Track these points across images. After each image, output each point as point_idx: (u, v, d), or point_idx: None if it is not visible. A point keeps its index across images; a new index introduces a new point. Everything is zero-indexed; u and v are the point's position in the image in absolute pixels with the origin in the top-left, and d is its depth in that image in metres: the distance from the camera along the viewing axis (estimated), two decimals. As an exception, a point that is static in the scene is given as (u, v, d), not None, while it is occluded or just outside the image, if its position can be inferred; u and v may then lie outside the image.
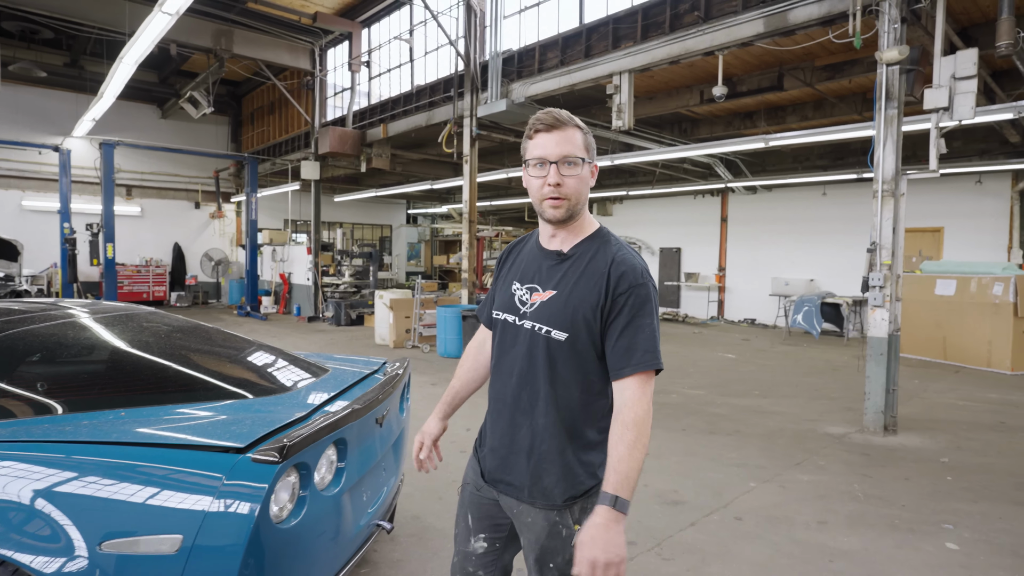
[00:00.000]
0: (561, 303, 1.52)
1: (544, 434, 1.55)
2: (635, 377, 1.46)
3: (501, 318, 1.66)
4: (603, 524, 1.38)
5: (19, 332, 2.38)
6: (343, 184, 17.96)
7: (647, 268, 1.55)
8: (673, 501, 3.81)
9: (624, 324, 1.47)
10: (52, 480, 1.77)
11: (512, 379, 1.60)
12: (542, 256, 1.62)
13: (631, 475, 1.40)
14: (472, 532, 1.76)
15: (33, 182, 14.97)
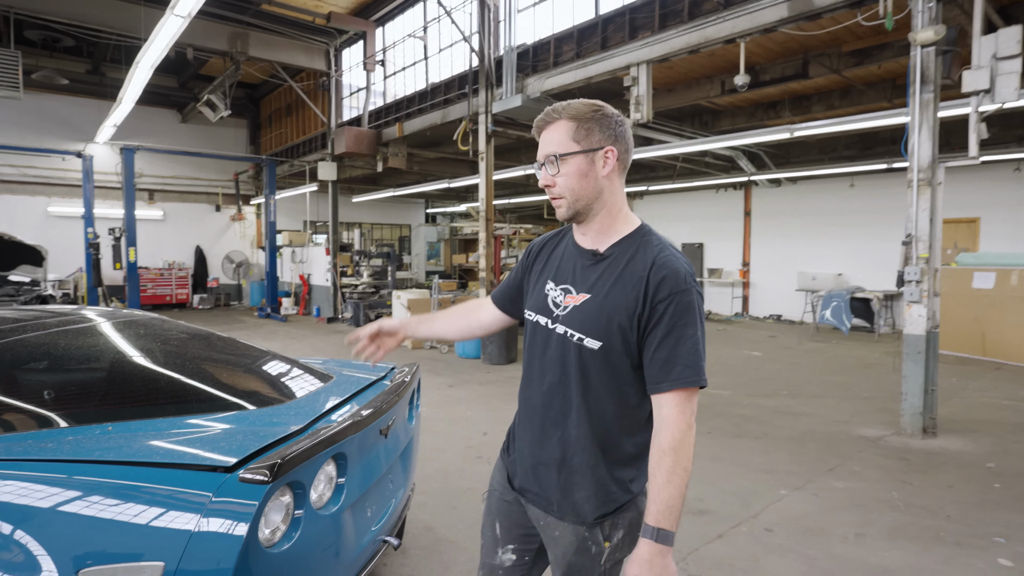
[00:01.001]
0: (595, 308, 1.41)
1: (576, 447, 1.45)
2: (674, 394, 1.34)
3: (533, 319, 1.54)
4: (648, 559, 1.31)
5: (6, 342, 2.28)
6: (361, 184, 17.95)
7: (692, 272, 1.40)
8: (699, 511, 3.62)
9: (663, 334, 1.34)
10: (27, 502, 1.65)
11: (543, 386, 1.50)
12: (577, 255, 1.50)
13: (673, 504, 1.30)
14: (500, 543, 1.63)
15: (58, 188, 15.21)
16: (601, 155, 1.40)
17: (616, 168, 1.43)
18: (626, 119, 1.47)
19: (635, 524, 1.48)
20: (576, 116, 1.40)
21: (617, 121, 1.43)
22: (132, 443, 1.85)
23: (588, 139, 1.40)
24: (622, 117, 1.45)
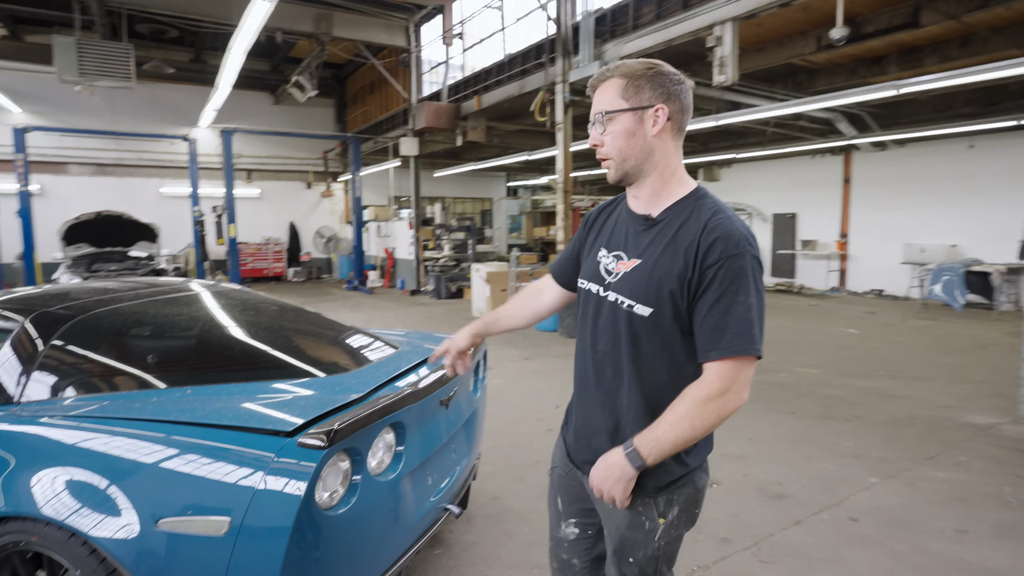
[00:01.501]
0: (645, 274, 1.37)
1: (628, 416, 1.42)
2: (722, 364, 1.28)
3: (585, 287, 1.52)
4: (610, 464, 1.36)
5: (103, 312, 2.48)
6: (442, 159, 18.19)
7: (748, 236, 1.33)
8: (776, 495, 3.44)
9: (713, 301, 1.29)
10: (117, 455, 1.80)
11: (595, 355, 1.48)
12: (630, 220, 1.46)
13: (660, 441, 1.30)
14: (562, 517, 1.65)
15: (169, 170, 16.46)
16: (651, 113, 1.35)
17: (668, 128, 1.37)
18: (686, 79, 1.39)
19: (692, 501, 1.45)
20: (628, 74, 1.36)
21: (673, 80, 1.36)
22: (206, 405, 1.97)
23: (637, 96, 1.35)
24: (680, 77, 1.38)
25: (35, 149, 13.26)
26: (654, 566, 1.46)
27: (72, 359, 2.22)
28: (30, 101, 14.44)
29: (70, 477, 1.80)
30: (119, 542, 1.69)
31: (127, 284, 2.97)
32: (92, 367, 2.24)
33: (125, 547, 1.69)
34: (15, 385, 2.12)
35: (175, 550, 1.68)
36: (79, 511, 1.75)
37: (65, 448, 1.86)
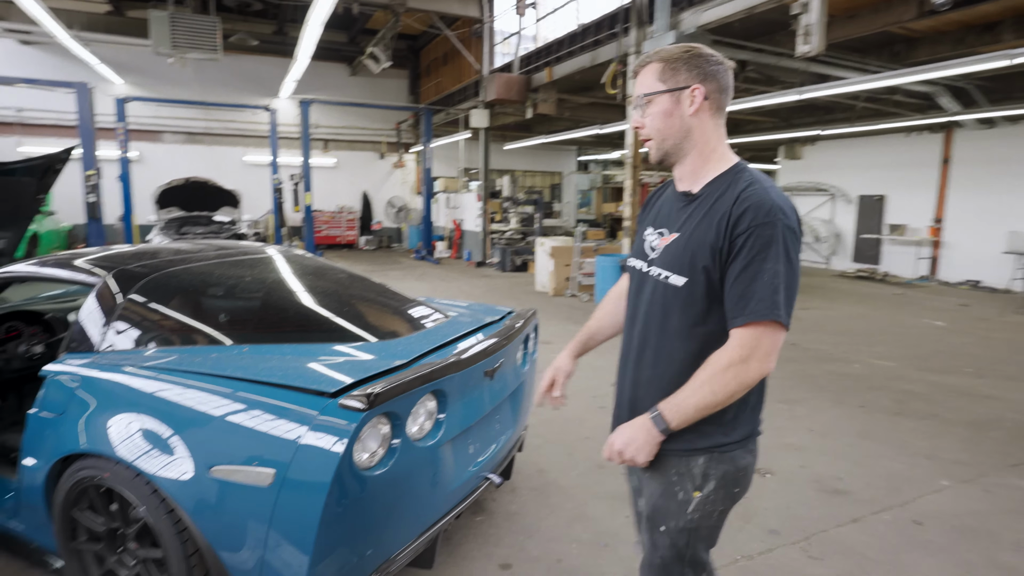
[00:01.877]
0: (681, 246, 1.42)
1: (669, 387, 1.43)
2: (744, 330, 1.31)
3: (632, 264, 1.59)
4: (636, 426, 1.41)
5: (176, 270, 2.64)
6: (513, 132, 18.12)
7: (783, 206, 1.34)
8: (834, 490, 3.29)
9: (740, 269, 1.32)
10: (181, 406, 1.93)
11: (636, 328, 1.54)
12: (674, 199, 1.52)
13: (686, 407, 1.35)
14: (634, 493, 1.69)
15: (251, 139, 17.23)
16: (687, 94, 1.40)
17: (706, 108, 1.42)
18: (725, 61, 1.44)
19: (731, 479, 1.45)
20: (665, 58, 1.42)
21: (710, 61, 1.42)
22: (259, 363, 2.07)
23: (674, 78, 1.41)
24: (719, 58, 1.43)
25: (134, 118, 14.19)
26: (686, 539, 1.47)
27: (145, 313, 2.39)
28: (130, 73, 15.40)
29: (139, 422, 1.95)
30: (177, 484, 1.82)
31: (202, 246, 3.14)
32: (163, 321, 2.40)
33: (181, 489, 1.82)
34: (97, 335, 2.30)
35: (225, 496, 1.79)
36: (146, 453, 1.89)
37: (138, 395, 2.01)
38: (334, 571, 1.81)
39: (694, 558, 1.50)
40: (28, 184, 3.97)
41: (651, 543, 1.53)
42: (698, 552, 1.50)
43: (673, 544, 1.48)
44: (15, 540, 2.46)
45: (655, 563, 1.53)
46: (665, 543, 1.49)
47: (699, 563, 1.51)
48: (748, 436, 1.46)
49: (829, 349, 6.47)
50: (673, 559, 1.50)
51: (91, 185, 10.41)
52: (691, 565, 1.50)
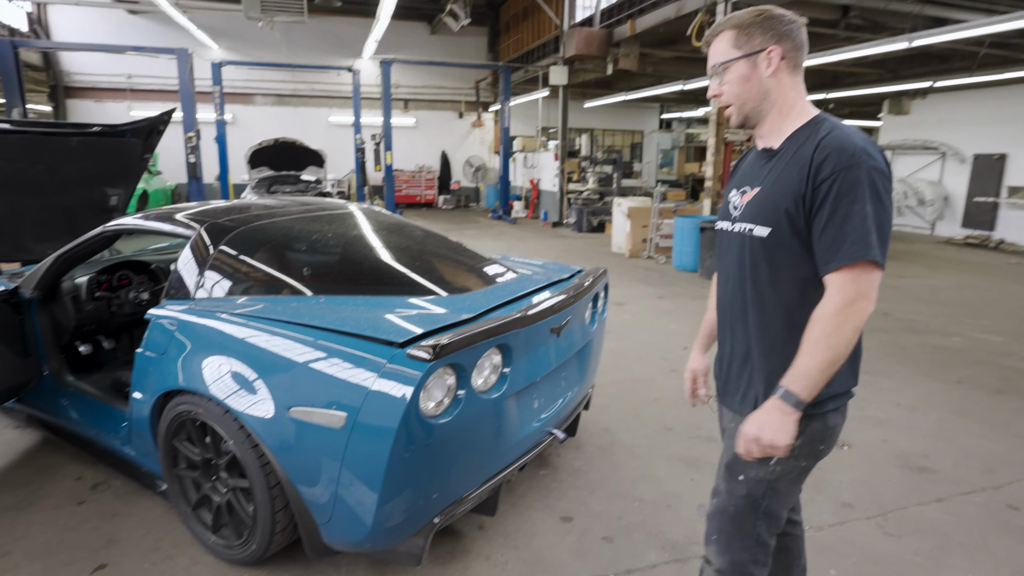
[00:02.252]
0: (763, 197, 1.43)
1: (755, 340, 1.47)
2: (841, 274, 1.30)
3: (719, 227, 1.61)
4: (767, 409, 1.35)
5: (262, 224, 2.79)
6: (593, 89, 17.64)
7: (867, 148, 1.31)
8: (918, 467, 3.12)
9: (829, 214, 1.30)
10: (266, 350, 2.07)
11: (728, 286, 1.56)
12: (756, 158, 1.54)
13: (807, 372, 1.31)
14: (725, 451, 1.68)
15: (336, 100, 17.72)
16: (764, 56, 1.41)
17: (783, 67, 1.42)
18: (797, 18, 1.43)
19: (818, 435, 1.44)
20: (738, 24, 1.42)
21: (783, 21, 1.41)
22: (333, 313, 2.18)
23: (749, 43, 1.41)
24: (791, 17, 1.42)
25: (228, 82, 14.89)
26: (763, 489, 1.47)
27: (234, 264, 2.55)
28: (224, 38, 16.11)
29: (228, 364, 2.12)
30: (259, 422, 1.98)
31: (287, 202, 3.30)
32: (249, 271, 2.56)
33: (264, 426, 1.97)
34: (192, 283, 2.49)
35: (301, 435, 1.93)
36: (233, 393, 2.06)
37: (227, 339, 2.17)
38: (401, 511, 1.92)
39: (768, 510, 1.49)
40: (135, 145, 4.29)
41: (727, 491, 1.53)
42: (773, 505, 1.49)
43: (750, 494, 1.48)
44: (130, 464, 2.76)
45: (728, 511, 1.53)
46: (741, 492, 1.48)
47: (773, 516, 1.50)
48: (842, 394, 1.44)
49: (925, 320, 6.02)
50: (748, 508, 1.49)
51: (191, 146, 11.09)
52: (765, 517, 1.50)
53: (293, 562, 2.29)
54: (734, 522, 1.52)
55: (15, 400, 3.22)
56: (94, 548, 2.38)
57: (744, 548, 1.52)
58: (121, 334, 3.67)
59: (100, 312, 3.36)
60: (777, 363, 1.41)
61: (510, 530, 2.54)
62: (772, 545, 1.54)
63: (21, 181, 3.77)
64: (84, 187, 4.12)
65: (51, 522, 2.55)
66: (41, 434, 3.34)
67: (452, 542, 2.45)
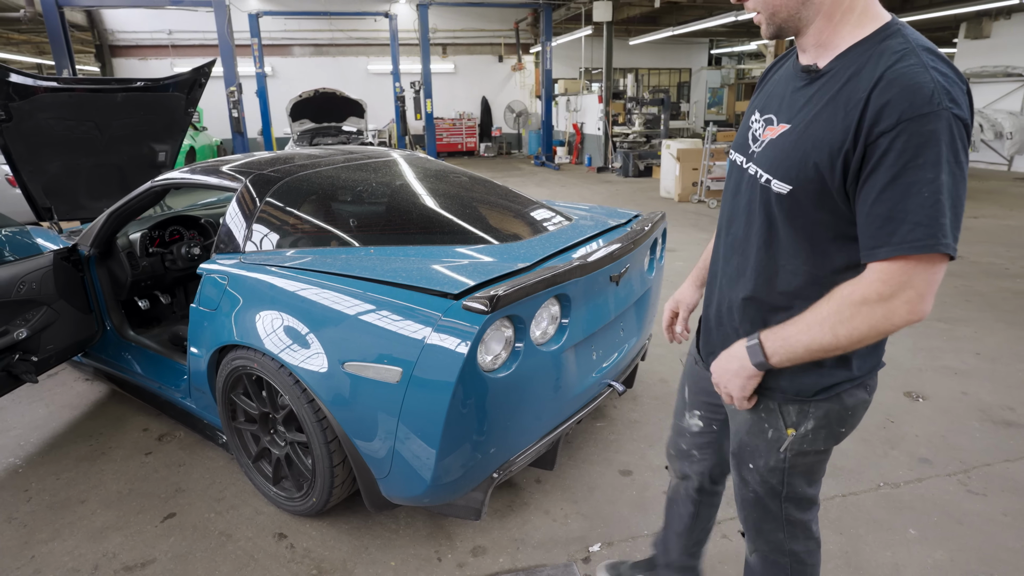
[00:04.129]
0: (791, 143, 1.09)
1: (759, 309, 1.21)
2: (892, 263, 0.97)
3: (732, 157, 1.31)
4: (729, 352, 1.21)
5: (308, 174, 2.71)
6: (639, 25, 16.77)
7: (948, 88, 0.94)
8: (1004, 421, 2.91)
9: (887, 181, 0.95)
10: (318, 304, 2.02)
11: (727, 237, 1.30)
12: (791, 76, 1.17)
13: (791, 342, 1.09)
14: (687, 407, 1.57)
15: (374, 48, 17.39)
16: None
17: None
18: None
19: (835, 417, 1.22)
20: None
21: None
22: (385, 264, 2.10)
23: None
24: None
25: (266, 33, 14.75)
26: (779, 478, 1.29)
27: (282, 216, 2.50)
28: (260, -14, 15.89)
29: (280, 318, 2.08)
30: (314, 376, 1.94)
31: (331, 151, 3.21)
32: (297, 223, 2.50)
33: (319, 381, 1.94)
34: (241, 236, 2.45)
35: (357, 390, 1.88)
36: (288, 347, 2.02)
37: (279, 293, 2.13)
38: (460, 466, 1.87)
39: (792, 494, 1.31)
40: (178, 99, 4.25)
41: (740, 480, 1.36)
42: (796, 488, 1.30)
43: (764, 482, 1.31)
44: (192, 416, 2.82)
45: (748, 498, 1.36)
46: (755, 480, 1.32)
47: (802, 498, 1.32)
48: (869, 371, 1.20)
49: (1004, 264, 5.61)
50: (768, 495, 1.32)
51: (233, 101, 11.09)
52: (791, 500, 1.32)
53: (353, 513, 2.30)
54: (757, 508, 1.36)
55: (82, 354, 3.32)
56: (163, 497, 2.45)
57: (776, 528, 1.36)
58: (176, 289, 3.72)
59: (155, 267, 3.40)
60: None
61: (568, 483, 2.49)
62: (810, 519, 1.36)
63: (72, 139, 3.79)
64: (132, 143, 4.13)
65: (122, 471, 2.64)
66: (108, 387, 3.46)
67: (510, 495, 2.42)
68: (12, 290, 2.63)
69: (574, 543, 2.16)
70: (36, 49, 17.17)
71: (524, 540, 2.18)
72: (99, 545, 2.19)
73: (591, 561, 2.08)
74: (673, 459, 1.66)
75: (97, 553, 2.15)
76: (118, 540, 2.21)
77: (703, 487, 1.63)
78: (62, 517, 2.34)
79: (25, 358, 2.70)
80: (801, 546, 1.37)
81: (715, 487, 1.65)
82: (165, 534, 2.24)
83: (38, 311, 2.77)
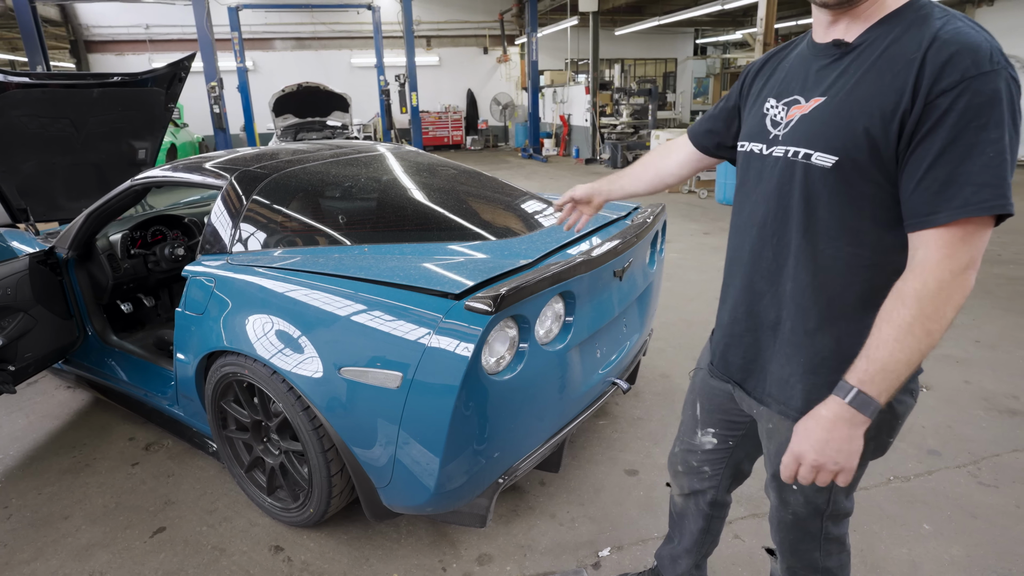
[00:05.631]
0: (831, 112, 1.02)
1: (791, 306, 1.12)
2: (953, 229, 0.91)
3: (745, 149, 1.20)
4: (828, 419, 0.98)
5: (295, 170, 2.60)
6: (624, 16, 16.67)
7: (1000, 49, 0.92)
8: (1008, 410, 2.88)
9: (946, 142, 0.90)
10: (311, 306, 1.92)
11: (752, 230, 1.18)
12: (813, 57, 1.10)
13: (892, 368, 0.93)
14: (699, 424, 1.46)
15: (357, 41, 17.14)
16: None
17: None
18: None
19: (886, 427, 1.15)
20: None
21: None
22: (380, 263, 2.00)
23: None
24: None
25: (246, 27, 14.46)
26: (826, 497, 1.22)
27: (269, 214, 2.39)
28: (239, -22, 15.56)
29: (271, 322, 1.98)
30: (309, 383, 1.85)
31: (318, 146, 3.10)
32: (285, 221, 2.39)
33: (314, 388, 1.84)
34: (227, 236, 2.34)
35: (355, 397, 1.79)
36: (280, 352, 1.92)
37: (269, 295, 2.02)
38: (464, 472, 1.79)
39: (836, 511, 1.25)
40: (158, 94, 4.11)
41: (780, 502, 1.29)
42: (839, 505, 1.25)
43: (809, 503, 1.24)
44: (180, 424, 2.71)
45: (786, 520, 1.30)
46: (799, 501, 1.25)
47: (841, 514, 1.27)
48: (916, 375, 1.12)
49: (997, 250, 5.62)
50: (809, 515, 1.26)
51: (214, 96, 10.86)
52: (832, 518, 1.26)
53: (352, 523, 2.21)
54: (795, 529, 1.29)
55: (63, 361, 3.19)
56: (152, 511, 2.34)
57: (814, 548, 1.30)
58: (161, 291, 3.60)
59: (137, 269, 3.27)
60: (828, 343, 1.09)
61: (574, 485, 2.42)
62: (845, 531, 1.31)
63: (47, 137, 3.64)
64: (111, 141, 3.98)
65: (108, 484, 2.53)
66: (91, 395, 3.33)
67: (515, 500, 2.34)
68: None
69: (583, 548, 2.09)
70: (8, 45, 16.76)
71: (531, 546, 2.11)
72: (85, 564, 2.08)
73: (601, 567, 2.01)
74: (680, 476, 1.57)
75: (83, 573, 2.04)
76: (105, 558, 2.10)
77: (716, 500, 1.55)
78: (45, 535, 2.23)
79: (1, 367, 2.57)
80: (835, 561, 1.32)
81: (726, 498, 1.58)
82: (155, 550, 2.13)
83: (14, 318, 2.64)
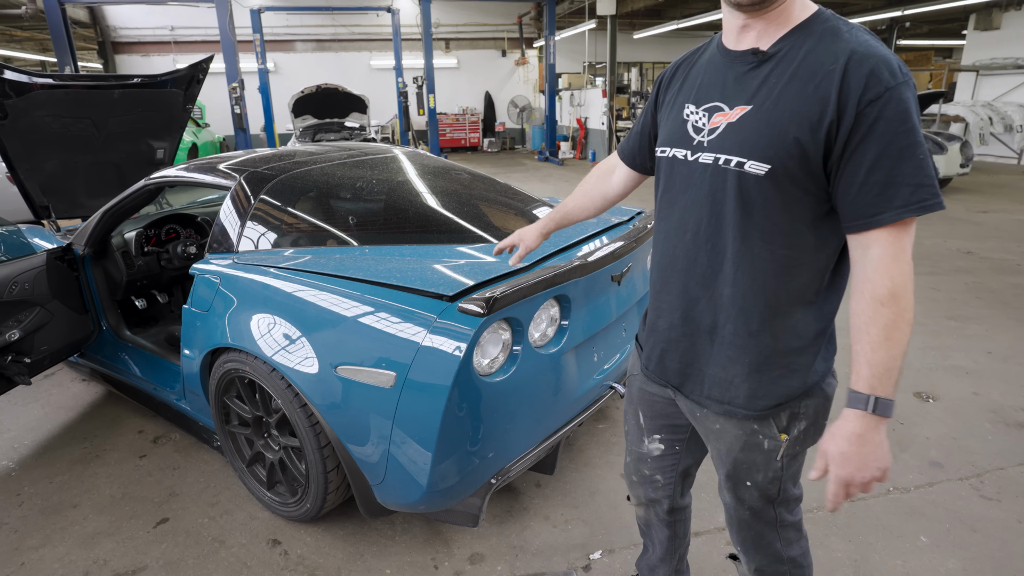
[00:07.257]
0: (761, 121, 1.06)
1: (731, 310, 1.16)
2: (893, 228, 1.00)
3: (668, 155, 1.23)
4: (858, 435, 1.03)
5: (303, 171, 2.65)
6: (643, 19, 16.63)
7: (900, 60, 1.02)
8: (1017, 423, 2.84)
9: (881, 148, 0.98)
10: (312, 305, 1.97)
11: (685, 236, 1.20)
12: (728, 62, 1.14)
13: (892, 366, 1.01)
14: (645, 432, 1.48)
15: (376, 43, 17.29)
16: None
17: None
18: None
19: (822, 411, 1.22)
20: None
21: None
22: (378, 265, 2.04)
23: None
24: None
25: (268, 29, 14.70)
26: (777, 487, 1.28)
27: (276, 214, 2.44)
28: (263, -19, 15.81)
29: (272, 320, 2.03)
30: (307, 380, 1.89)
31: (329, 147, 3.15)
32: (292, 222, 2.45)
33: (311, 385, 1.88)
34: (235, 236, 2.40)
35: (350, 394, 1.83)
36: (281, 349, 1.97)
37: (271, 294, 2.07)
38: (456, 471, 1.82)
39: (785, 497, 1.31)
40: (176, 95, 4.20)
41: (735, 501, 1.33)
42: (788, 492, 1.31)
43: (763, 495, 1.29)
44: (187, 418, 2.77)
45: (743, 517, 1.34)
46: (753, 496, 1.29)
47: (791, 499, 1.32)
48: (833, 353, 1.22)
49: (1016, 260, 5.51)
50: (763, 506, 1.31)
51: (235, 97, 11.04)
52: (783, 505, 1.32)
53: (348, 519, 2.25)
54: (754, 524, 1.34)
55: (78, 355, 3.28)
56: (156, 502, 2.41)
57: (774, 540, 1.35)
58: (174, 288, 3.68)
59: (151, 267, 3.36)
60: (768, 342, 1.14)
61: (569, 488, 2.43)
62: (799, 517, 1.36)
63: (69, 137, 3.75)
64: (130, 140, 4.09)
65: (116, 475, 2.60)
66: (104, 388, 3.42)
67: (509, 501, 2.36)
68: (4, 291, 2.59)
69: (575, 550, 2.11)
70: (39, 46, 17.19)
71: (523, 547, 2.13)
72: (90, 551, 2.14)
73: (592, 569, 2.03)
74: (636, 486, 1.58)
75: (88, 560, 2.11)
76: (109, 546, 2.17)
77: (673, 507, 1.56)
78: (54, 522, 2.30)
79: (18, 360, 2.66)
80: (796, 549, 1.37)
81: (683, 502, 1.59)
82: (157, 540, 2.19)
83: (31, 312, 2.72)
